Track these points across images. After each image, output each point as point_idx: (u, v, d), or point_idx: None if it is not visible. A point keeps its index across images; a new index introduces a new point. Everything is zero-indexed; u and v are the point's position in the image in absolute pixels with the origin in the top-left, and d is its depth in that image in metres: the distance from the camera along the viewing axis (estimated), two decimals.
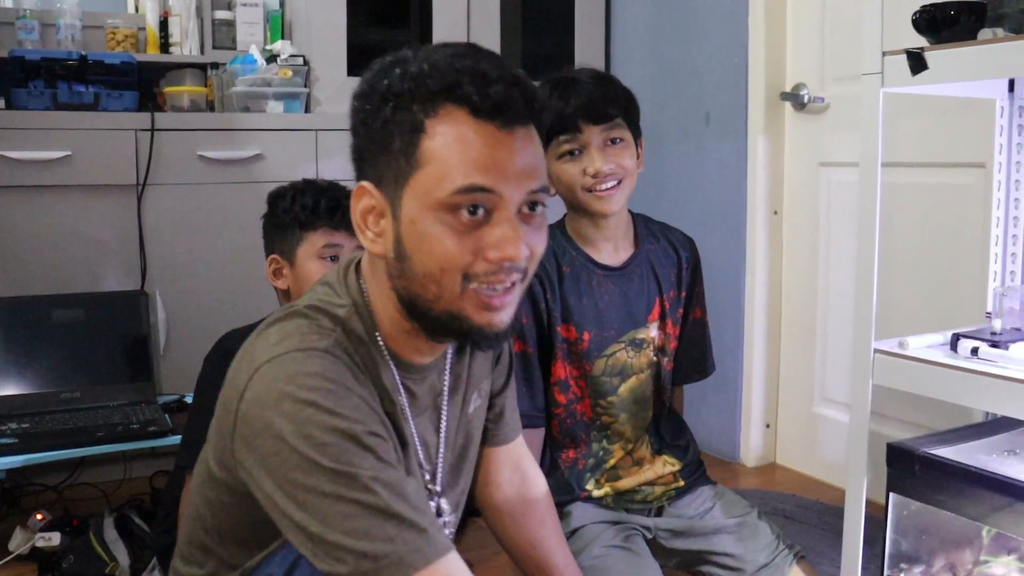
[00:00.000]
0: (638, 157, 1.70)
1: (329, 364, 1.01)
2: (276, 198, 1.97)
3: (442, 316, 1.04)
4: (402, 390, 1.13)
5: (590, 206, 1.65)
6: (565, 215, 1.76)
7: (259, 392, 1.00)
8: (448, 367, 1.21)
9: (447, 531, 1.21)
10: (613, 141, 1.64)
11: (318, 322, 1.07)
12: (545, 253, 1.67)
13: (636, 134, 1.69)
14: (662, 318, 1.76)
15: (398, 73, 1.02)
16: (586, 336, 1.70)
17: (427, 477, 1.20)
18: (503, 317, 1.04)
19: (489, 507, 1.43)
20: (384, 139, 1.02)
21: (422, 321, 1.06)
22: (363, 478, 0.94)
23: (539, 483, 1.47)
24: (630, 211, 1.77)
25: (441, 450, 1.21)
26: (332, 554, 0.93)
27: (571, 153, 1.63)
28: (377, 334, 1.10)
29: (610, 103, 1.63)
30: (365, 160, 1.06)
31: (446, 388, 1.21)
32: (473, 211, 0.99)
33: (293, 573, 1.06)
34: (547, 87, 1.67)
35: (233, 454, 1.03)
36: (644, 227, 1.79)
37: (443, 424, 1.21)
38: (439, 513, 1.22)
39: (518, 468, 1.45)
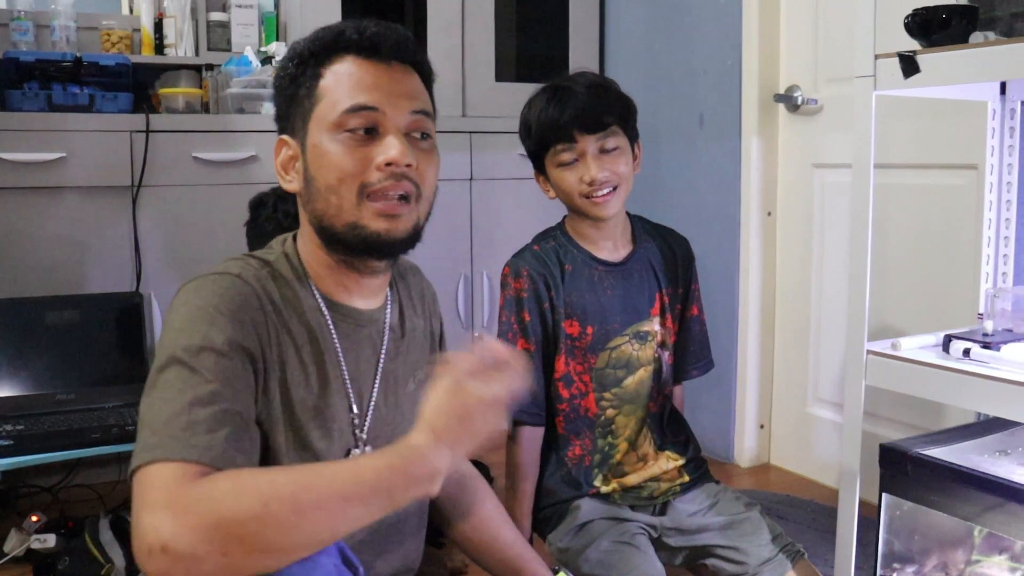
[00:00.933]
0: (635, 159, 1.74)
1: (232, 282, 1.13)
2: (258, 205, 1.96)
3: (344, 230, 1.16)
4: (333, 330, 1.22)
5: (588, 211, 1.71)
6: (565, 216, 1.81)
7: (173, 302, 1.14)
8: (386, 331, 1.29)
9: None
10: (608, 149, 1.68)
11: (246, 261, 1.20)
12: (547, 252, 1.73)
13: (633, 138, 1.74)
14: (662, 313, 1.80)
15: (302, 41, 1.23)
16: (590, 330, 1.73)
17: (355, 421, 1.24)
18: (400, 226, 1.17)
19: (432, 502, 1.44)
20: (293, 93, 1.21)
21: (331, 243, 1.18)
22: (200, 373, 1.04)
23: (471, 469, 1.51)
24: (627, 212, 1.82)
25: (372, 400, 1.26)
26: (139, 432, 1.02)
27: (568, 162, 1.69)
28: (309, 279, 1.22)
29: (604, 112, 1.68)
30: (281, 118, 1.24)
31: (384, 347, 1.28)
32: (366, 132, 1.15)
33: None
34: (543, 95, 1.72)
35: None
36: (641, 227, 1.85)
37: (377, 379, 1.27)
38: None
39: None
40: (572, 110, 1.66)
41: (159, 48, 2.97)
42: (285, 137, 1.23)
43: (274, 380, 1.14)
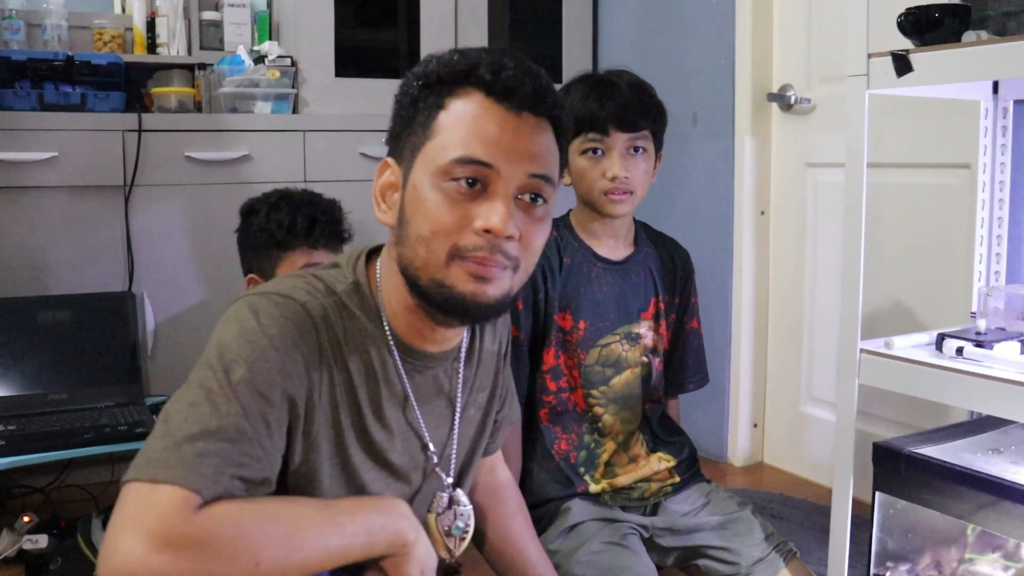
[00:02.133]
0: (655, 168, 1.76)
1: (294, 312, 1.05)
2: (249, 213, 1.90)
3: (430, 284, 1.06)
4: (401, 369, 1.14)
5: (603, 207, 1.71)
6: (570, 210, 1.82)
7: (228, 313, 1.06)
8: (461, 366, 1.23)
9: (461, 524, 1.23)
10: (636, 150, 1.70)
11: (313, 285, 1.10)
12: (547, 245, 1.72)
13: (658, 147, 1.76)
14: (656, 319, 1.80)
15: (432, 61, 1.10)
16: (582, 325, 1.74)
17: (435, 462, 1.21)
18: (490, 290, 1.06)
19: None
20: (410, 116, 1.09)
21: (416, 291, 1.08)
22: (227, 399, 0.98)
23: (508, 479, 1.50)
24: (633, 217, 1.84)
25: (455, 444, 1.23)
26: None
27: (593, 151, 1.69)
28: (383, 316, 1.12)
29: (642, 114, 1.69)
30: (393, 138, 1.12)
31: (460, 385, 1.23)
32: (471, 184, 1.04)
33: None
34: (583, 84, 1.72)
35: None
36: (644, 232, 1.86)
37: (456, 419, 1.23)
38: (454, 502, 1.23)
39: (492, 468, 1.47)
40: (613, 104, 1.67)
41: (151, 47, 2.97)
42: (390, 161, 1.12)
43: (322, 422, 1.08)
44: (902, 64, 1.54)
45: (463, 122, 1.05)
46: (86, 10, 2.94)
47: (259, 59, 2.88)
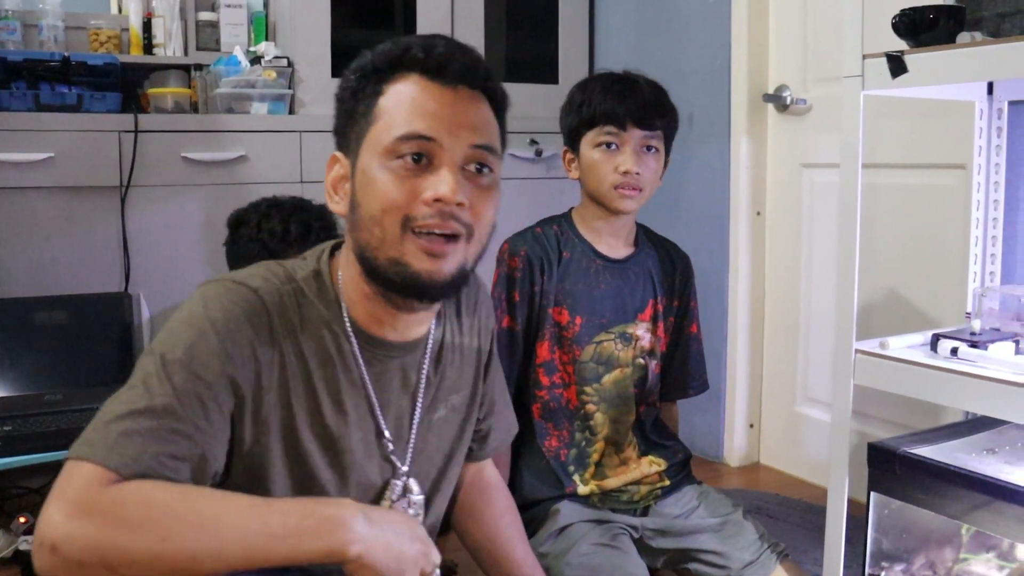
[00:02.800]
0: (663, 170, 1.78)
1: (243, 297, 1.09)
2: (238, 224, 1.86)
3: (386, 264, 1.08)
4: (359, 358, 1.16)
5: (611, 202, 1.73)
6: (571, 208, 1.84)
7: (192, 294, 1.10)
8: (428, 359, 1.24)
9: (412, 511, 1.23)
10: (649, 148, 1.72)
11: (273, 272, 1.14)
12: (547, 238, 1.75)
13: (668, 150, 1.78)
14: (654, 320, 1.81)
15: (367, 54, 1.14)
16: (578, 321, 1.75)
17: (392, 452, 1.22)
18: (445, 267, 1.09)
19: (450, 505, 1.44)
20: (352, 108, 1.13)
21: (372, 274, 1.11)
22: (170, 386, 1.01)
23: (497, 479, 1.51)
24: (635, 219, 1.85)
25: (414, 434, 1.24)
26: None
27: (608, 145, 1.71)
28: (342, 303, 1.15)
29: (660, 113, 1.73)
30: (338, 133, 1.17)
31: (423, 377, 1.24)
32: (417, 159, 1.08)
33: None
34: (602, 79, 1.76)
35: None
36: (645, 234, 1.87)
37: (417, 410, 1.24)
38: (407, 491, 1.23)
39: (480, 469, 1.48)
40: (633, 101, 1.70)
41: (148, 48, 2.96)
42: (338, 155, 1.16)
43: (272, 404, 1.10)
44: (897, 65, 1.54)
45: (403, 103, 1.09)
46: (82, 10, 2.94)
47: (255, 60, 2.88)
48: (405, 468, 1.23)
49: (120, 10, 3.03)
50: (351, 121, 1.13)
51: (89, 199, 2.61)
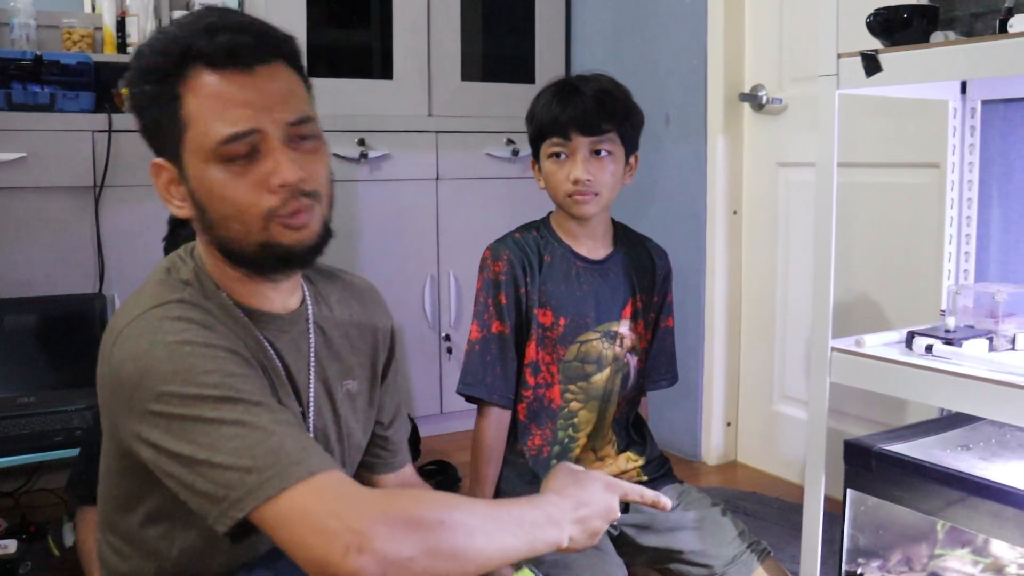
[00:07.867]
0: (630, 169, 1.79)
1: (187, 309, 1.09)
2: (178, 222, 1.86)
3: (256, 249, 1.10)
4: (262, 335, 1.18)
5: (568, 208, 1.76)
6: (550, 212, 1.85)
7: (128, 350, 1.05)
8: (312, 332, 1.26)
9: None
10: (599, 152, 1.72)
11: (168, 283, 1.14)
12: (528, 241, 1.76)
13: (630, 148, 1.78)
14: (634, 318, 1.82)
15: (147, 52, 1.10)
16: (562, 321, 1.76)
17: (302, 421, 1.23)
18: (309, 233, 1.11)
19: None
20: (155, 114, 1.11)
21: (241, 260, 1.13)
22: (246, 399, 1.00)
23: (421, 483, 1.51)
24: (612, 218, 1.86)
25: (311, 398, 1.24)
26: (220, 479, 0.95)
27: (557, 155, 1.74)
28: (222, 292, 1.16)
29: (604, 119, 1.72)
30: (150, 139, 1.15)
31: (313, 346, 1.25)
32: (246, 156, 1.06)
33: None
34: (552, 88, 1.77)
35: (119, 428, 1.08)
36: (623, 233, 1.88)
37: (312, 378, 1.25)
38: None
39: (401, 481, 1.47)
40: (573, 110, 1.71)
41: (122, 47, 2.93)
42: (160, 160, 1.14)
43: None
44: (871, 64, 1.55)
45: (209, 103, 1.06)
46: (55, 9, 2.91)
47: None
48: (311, 436, 1.24)
49: (94, 8, 3.00)
50: (159, 128, 1.11)
51: (62, 199, 2.59)
